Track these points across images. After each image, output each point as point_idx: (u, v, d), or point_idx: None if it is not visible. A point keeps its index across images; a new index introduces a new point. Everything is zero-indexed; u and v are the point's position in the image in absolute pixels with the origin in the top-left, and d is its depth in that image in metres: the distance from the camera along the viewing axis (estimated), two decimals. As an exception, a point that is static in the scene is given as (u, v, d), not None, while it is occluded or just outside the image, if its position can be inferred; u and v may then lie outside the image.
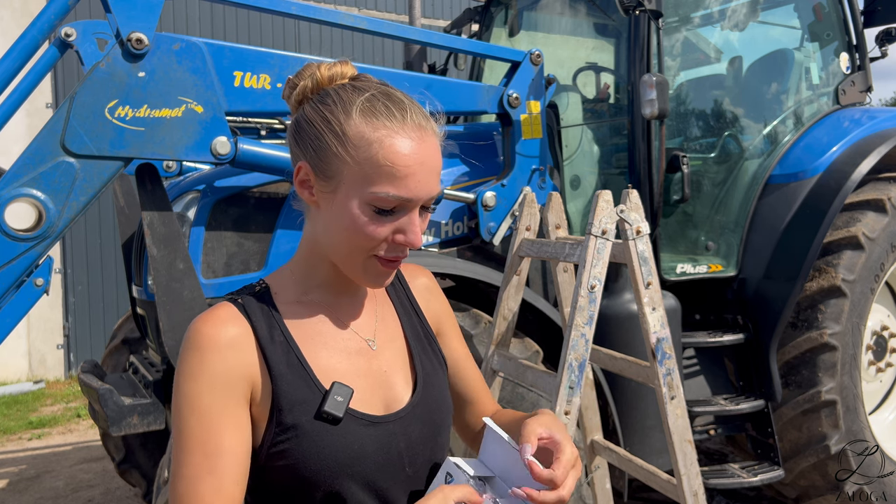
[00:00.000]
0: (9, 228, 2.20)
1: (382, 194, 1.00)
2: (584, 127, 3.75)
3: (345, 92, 1.04)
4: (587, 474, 2.76)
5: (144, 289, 2.98)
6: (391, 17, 9.21)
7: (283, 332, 1.07)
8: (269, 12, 2.62)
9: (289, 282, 1.13)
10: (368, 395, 1.09)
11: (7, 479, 4.93)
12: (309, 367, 1.06)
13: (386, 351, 1.15)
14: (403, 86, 3.09)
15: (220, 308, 1.06)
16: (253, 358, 1.03)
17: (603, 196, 2.16)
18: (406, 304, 1.25)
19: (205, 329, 1.02)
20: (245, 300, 1.08)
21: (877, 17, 3.96)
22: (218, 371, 1.00)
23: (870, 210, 3.52)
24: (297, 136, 1.07)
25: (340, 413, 1.03)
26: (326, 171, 1.03)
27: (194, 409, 0.99)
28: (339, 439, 1.03)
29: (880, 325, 3.73)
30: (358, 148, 1.01)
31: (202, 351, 1.00)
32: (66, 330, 7.81)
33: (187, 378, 1.00)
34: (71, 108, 2.23)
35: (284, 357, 1.05)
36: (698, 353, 3.55)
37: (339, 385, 1.05)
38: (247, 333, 1.04)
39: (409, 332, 1.21)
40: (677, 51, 3.84)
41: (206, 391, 0.99)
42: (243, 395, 1.02)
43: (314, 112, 1.05)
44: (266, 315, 1.07)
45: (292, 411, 1.02)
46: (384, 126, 1.01)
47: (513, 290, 2.62)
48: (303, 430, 1.02)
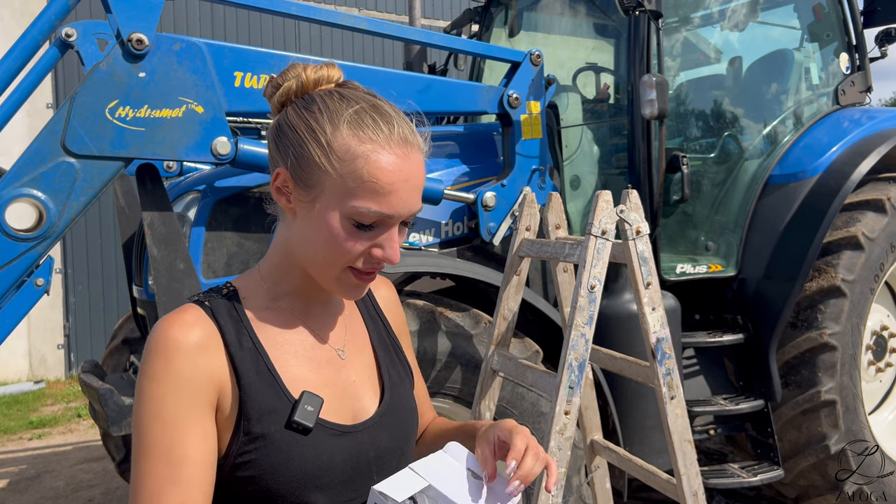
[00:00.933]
0: (9, 228, 2.20)
1: (364, 209, 0.98)
2: (584, 127, 3.75)
3: (332, 100, 1.01)
4: (587, 474, 2.76)
5: (145, 289, 2.98)
6: (391, 18, 9.21)
7: (252, 337, 1.03)
8: (269, 12, 2.62)
9: (258, 287, 1.10)
10: (337, 405, 1.07)
11: (7, 479, 4.93)
12: (278, 376, 1.02)
13: (355, 360, 1.14)
14: (402, 85, 3.09)
15: (186, 310, 1.02)
16: (221, 362, 0.99)
17: (603, 196, 2.16)
18: (373, 314, 1.23)
19: (171, 331, 0.97)
20: (213, 303, 1.04)
21: (877, 17, 3.96)
22: (185, 375, 0.95)
23: (869, 210, 3.52)
24: (278, 140, 1.04)
25: (311, 423, 1.00)
26: (307, 181, 1.01)
27: (158, 415, 0.94)
28: (309, 450, 1.00)
29: (880, 325, 3.73)
30: (342, 161, 0.98)
31: (168, 354, 0.96)
32: (66, 330, 7.81)
33: (152, 382, 0.95)
34: (71, 109, 2.23)
35: (253, 364, 1.01)
36: (698, 353, 3.55)
37: (310, 394, 1.02)
38: (214, 337, 1.00)
39: (376, 341, 1.19)
40: (677, 51, 3.84)
41: (172, 396, 0.94)
42: (209, 401, 0.98)
43: (298, 118, 1.02)
44: (234, 319, 1.03)
45: (261, 420, 0.99)
46: (370, 140, 0.99)
47: (513, 290, 2.63)
48: (272, 439, 0.98)
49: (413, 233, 3.05)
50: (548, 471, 1.05)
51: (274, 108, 1.06)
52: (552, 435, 2.07)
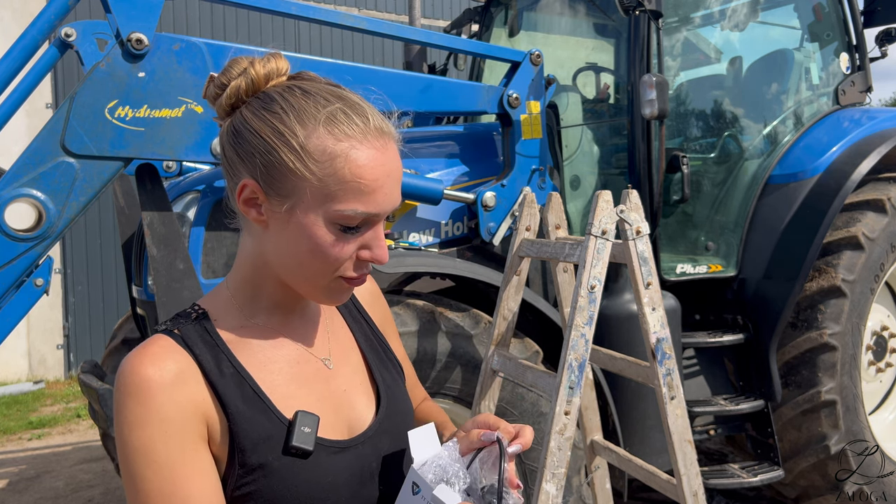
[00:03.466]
0: (9, 228, 2.20)
1: (349, 212, 0.91)
2: (584, 127, 3.75)
3: (294, 97, 0.92)
4: (587, 474, 2.76)
5: (144, 289, 2.98)
6: (391, 17, 9.21)
7: (233, 362, 0.95)
8: (269, 12, 2.62)
9: (230, 306, 1.01)
10: (332, 419, 1.00)
11: (7, 479, 4.93)
12: (267, 399, 0.95)
13: (343, 368, 1.07)
14: (402, 85, 3.08)
15: (154, 342, 0.93)
16: (203, 394, 0.91)
17: (603, 196, 2.16)
18: (356, 314, 1.16)
19: (142, 369, 0.88)
20: (182, 330, 0.95)
21: (877, 17, 3.96)
22: (168, 414, 0.87)
23: (869, 210, 3.52)
24: (238, 147, 0.94)
25: (310, 446, 0.94)
26: (280, 190, 0.92)
27: (150, 461, 0.86)
28: (312, 473, 0.94)
29: (880, 325, 3.73)
30: (319, 163, 0.90)
31: (145, 394, 0.87)
32: (66, 330, 7.80)
33: (134, 428, 0.86)
34: (71, 109, 2.23)
35: (238, 391, 0.93)
36: (698, 353, 3.55)
37: (304, 414, 0.95)
38: (191, 367, 0.91)
39: (363, 343, 1.13)
40: (677, 51, 3.84)
41: (160, 439, 0.86)
42: (200, 435, 0.90)
43: (260, 121, 0.92)
44: (209, 345, 0.95)
45: (256, 450, 0.91)
46: (346, 136, 0.90)
47: (513, 290, 2.62)
48: (271, 468, 0.92)
49: (413, 233, 3.05)
50: (520, 433, 1.00)
51: (222, 111, 0.96)
52: (552, 435, 2.07)
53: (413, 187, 2.85)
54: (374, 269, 2.50)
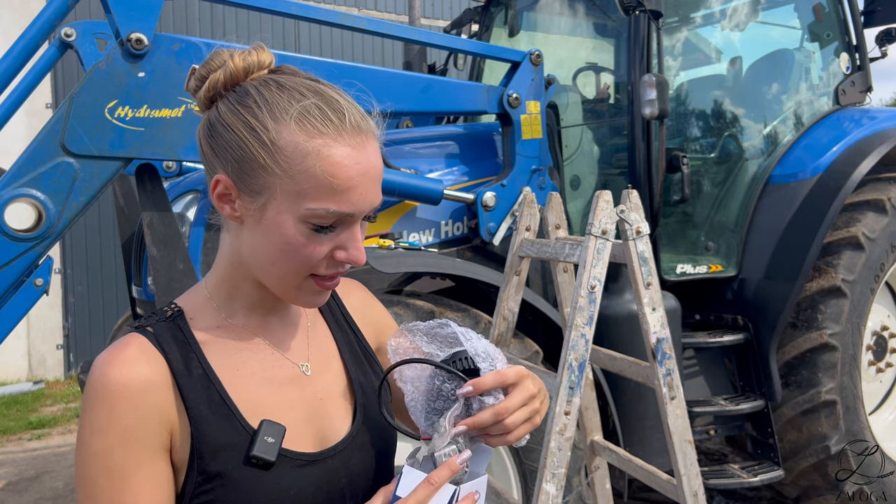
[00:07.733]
0: (9, 229, 2.20)
1: (321, 210, 0.88)
2: (584, 127, 3.75)
3: (269, 91, 0.90)
4: (587, 475, 2.75)
5: (144, 289, 2.98)
6: (391, 17, 9.21)
7: (202, 363, 0.93)
8: (269, 12, 2.62)
9: (207, 305, 0.99)
10: (302, 429, 0.96)
11: (7, 479, 4.93)
12: (233, 405, 0.92)
13: (321, 375, 1.03)
14: (402, 85, 3.09)
15: (128, 344, 0.90)
16: (169, 399, 0.89)
17: (603, 196, 2.16)
18: (341, 322, 1.12)
19: (112, 373, 0.87)
20: (156, 329, 0.93)
21: (877, 17, 3.96)
22: (130, 423, 0.86)
23: (870, 210, 3.52)
24: (213, 142, 0.92)
25: (272, 457, 0.90)
26: (252, 186, 0.90)
27: (104, 467, 0.85)
28: (273, 485, 0.90)
29: (880, 325, 3.72)
30: (291, 160, 0.87)
31: (110, 401, 0.86)
32: (65, 330, 7.80)
33: (95, 433, 0.86)
34: (71, 109, 2.23)
35: (204, 394, 0.91)
36: (698, 353, 3.55)
37: (269, 423, 0.91)
38: (161, 370, 0.89)
39: (345, 352, 1.08)
40: (677, 51, 3.84)
41: (119, 446, 0.85)
42: (161, 445, 0.88)
43: (233, 115, 0.90)
44: (181, 345, 0.93)
45: (216, 458, 0.89)
46: (319, 133, 0.87)
47: (513, 291, 2.62)
48: (230, 478, 0.89)
49: (413, 233, 3.05)
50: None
51: (202, 104, 0.94)
52: (552, 435, 2.07)
53: (413, 187, 2.85)
54: (375, 270, 2.50)
